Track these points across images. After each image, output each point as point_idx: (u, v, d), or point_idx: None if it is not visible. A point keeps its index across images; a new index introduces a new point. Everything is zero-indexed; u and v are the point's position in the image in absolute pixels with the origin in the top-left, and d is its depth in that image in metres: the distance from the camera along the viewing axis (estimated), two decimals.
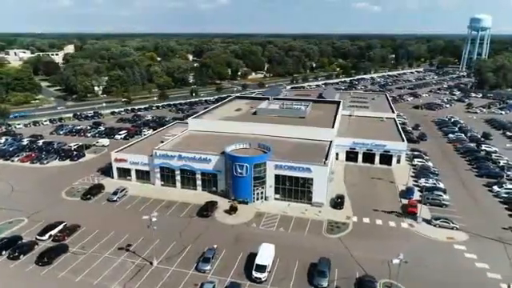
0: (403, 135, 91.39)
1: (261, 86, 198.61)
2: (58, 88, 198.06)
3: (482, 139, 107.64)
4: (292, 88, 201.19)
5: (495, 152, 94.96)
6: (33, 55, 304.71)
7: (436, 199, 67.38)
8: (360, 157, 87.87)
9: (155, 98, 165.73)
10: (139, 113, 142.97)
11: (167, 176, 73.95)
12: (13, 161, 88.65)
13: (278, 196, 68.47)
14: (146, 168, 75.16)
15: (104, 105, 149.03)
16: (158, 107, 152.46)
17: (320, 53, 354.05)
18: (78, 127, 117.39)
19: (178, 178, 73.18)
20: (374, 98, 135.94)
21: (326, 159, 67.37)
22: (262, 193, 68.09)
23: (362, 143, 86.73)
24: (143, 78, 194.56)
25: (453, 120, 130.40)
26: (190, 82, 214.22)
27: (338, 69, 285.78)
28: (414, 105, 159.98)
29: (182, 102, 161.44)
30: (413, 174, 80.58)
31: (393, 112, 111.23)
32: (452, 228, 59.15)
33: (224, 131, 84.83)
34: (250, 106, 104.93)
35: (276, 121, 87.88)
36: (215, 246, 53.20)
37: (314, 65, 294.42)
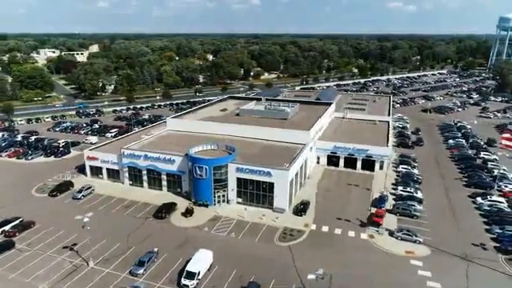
0: (390, 140, 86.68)
1: (269, 87, 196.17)
2: (73, 86, 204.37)
3: (485, 146, 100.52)
4: (301, 89, 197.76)
5: (494, 160, 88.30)
6: (57, 54, 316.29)
7: (406, 209, 62.97)
8: (341, 161, 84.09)
9: (158, 97, 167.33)
10: (140, 111, 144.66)
11: (135, 176, 73.64)
12: (1, 156, 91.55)
13: (240, 200, 66.41)
14: (115, 167, 75.22)
15: (106, 103, 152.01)
16: (159, 106, 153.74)
17: (340, 53, 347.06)
18: (74, 124, 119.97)
19: (145, 177, 72.69)
20: (375, 100, 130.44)
21: (290, 163, 64.46)
22: (223, 196, 66.30)
23: (344, 147, 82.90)
24: (153, 77, 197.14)
25: (458, 125, 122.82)
26: (201, 81, 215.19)
27: (355, 70, 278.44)
28: (424, 108, 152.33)
29: (184, 101, 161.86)
30: (394, 182, 76.37)
31: (388, 115, 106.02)
32: (415, 241, 54.94)
33: (201, 132, 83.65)
34: (238, 106, 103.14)
35: (256, 122, 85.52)
36: (156, 250, 52.00)
37: (331, 65, 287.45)
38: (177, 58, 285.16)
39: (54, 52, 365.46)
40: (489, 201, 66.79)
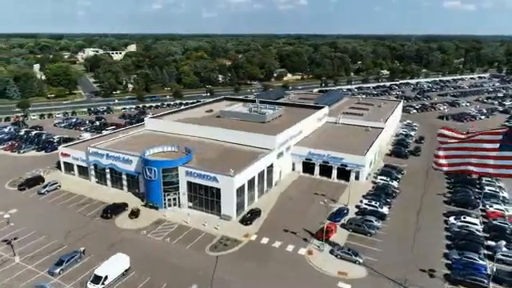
0: (373, 148, 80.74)
1: (284, 88, 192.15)
2: (99, 84, 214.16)
3: None
4: (319, 91, 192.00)
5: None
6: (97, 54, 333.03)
7: (360, 226, 57.96)
8: (317, 169, 79.70)
9: (168, 96, 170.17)
10: (149, 110, 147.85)
11: (100, 174, 74.80)
12: None
13: (191, 204, 64.97)
14: (84, 164, 76.87)
15: (116, 101, 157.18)
16: (168, 105, 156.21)
17: (375, 55, 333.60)
18: (78, 121, 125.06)
19: (108, 176, 73.53)
20: (380, 105, 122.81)
21: (238, 170, 61.76)
22: (174, 199, 65.22)
23: (318, 154, 78.48)
24: (172, 77, 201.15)
25: None
26: (220, 81, 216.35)
27: (385, 72, 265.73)
28: (442, 114, 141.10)
29: (195, 100, 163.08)
30: (366, 194, 70.97)
31: (385, 122, 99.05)
32: (354, 261, 50.32)
33: (175, 133, 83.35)
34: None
35: (232, 125, 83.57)
36: (82, 249, 52.07)
37: (359, 67, 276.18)
38: (207, 57, 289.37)
39: (97, 51, 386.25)
40: (461, 221, 59.78)
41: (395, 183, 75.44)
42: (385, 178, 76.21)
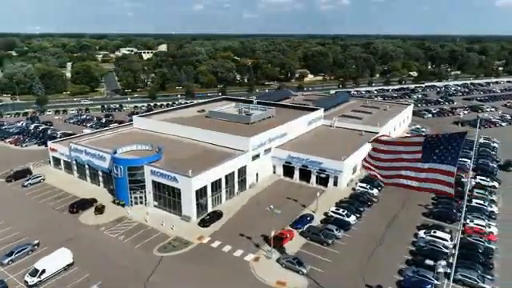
0: (355, 154, 77.07)
1: (299, 89, 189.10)
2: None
3: (495, 169, 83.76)
4: (336, 93, 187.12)
5: (487, 188, 73.10)
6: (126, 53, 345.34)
7: (317, 234, 55.44)
8: (296, 173, 77.40)
9: (179, 96, 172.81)
10: (160, 108, 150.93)
11: (81, 169, 77.15)
12: (5, 141, 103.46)
13: (156, 203, 65.31)
14: (68, 159, 79.61)
15: (128, 99, 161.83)
16: (179, 104, 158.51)
17: (408, 56, 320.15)
18: (87, 118, 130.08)
19: (87, 172, 75.67)
20: (385, 108, 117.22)
21: (198, 171, 61.15)
22: (140, 197, 65.85)
23: (298, 158, 76.16)
24: (189, 76, 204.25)
25: (483, 142, 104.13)
26: (238, 81, 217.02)
27: (414, 73, 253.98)
28: (458, 120, 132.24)
29: (205, 100, 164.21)
30: (340, 201, 67.89)
31: (380, 127, 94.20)
32: (298, 271, 48.15)
33: (160, 132, 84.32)
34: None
35: (216, 125, 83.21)
36: (35, 242, 53.81)
37: (386, 68, 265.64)
38: (236, 58, 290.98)
39: (130, 51, 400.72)
40: (430, 236, 55.48)
41: (375, 191, 71.49)
42: (365, 186, 72.48)
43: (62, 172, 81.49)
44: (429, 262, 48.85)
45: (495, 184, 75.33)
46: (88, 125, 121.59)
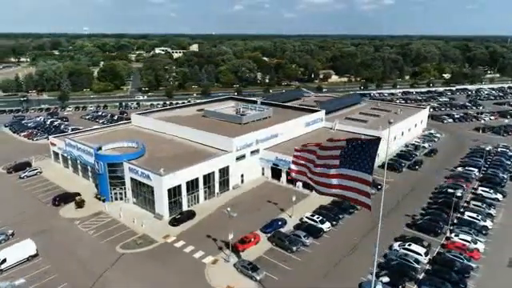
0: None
1: (318, 90, 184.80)
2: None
3: (504, 181, 76.99)
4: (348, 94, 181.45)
5: (492, 200, 67.36)
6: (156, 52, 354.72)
7: (282, 240, 53.48)
8: (284, 176, 75.44)
9: (194, 95, 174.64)
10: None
11: (74, 164, 79.77)
12: (19, 135, 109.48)
13: (135, 200, 66.08)
14: (65, 154, 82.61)
15: (145, 97, 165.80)
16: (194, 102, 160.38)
17: (444, 57, 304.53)
18: (100, 114, 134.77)
19: (79, 167, 78.11)
20: (396, 112, 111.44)
21: (176, 170, 61.08)
22: (120, 194, 66.91)
23: (285, 160, 74.07)
24: (210, 75, 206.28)
25: (500, 150, 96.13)
26: (259, 81, 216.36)
27: (447, 75, 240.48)
28: (482, 126, 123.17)
29: (211, 99, 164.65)
30: (321, 206, 65.22)
31: (382, 131, 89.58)
32: (251, 277, 46.64)
33: (154, 130, 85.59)
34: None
35: (209, 124, 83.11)
36: (10, 232, 56.15)
37: (416, 70, 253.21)
38: (264, 58, 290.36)
39: (164, 50, 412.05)
40: (404, 249, 51.77)
41: None
42: None
43: (60, 166, 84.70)
44: (385, 278, 45.54)
45: (498, 196, 69.13)
46: (100, 121, 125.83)
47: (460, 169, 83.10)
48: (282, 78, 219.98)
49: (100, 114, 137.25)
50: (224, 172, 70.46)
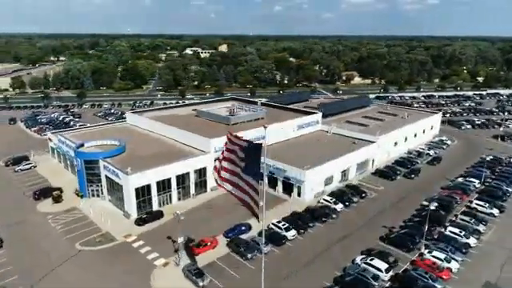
0: (326, 163, 70.35)
1: (335, 92, 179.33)
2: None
3: (509, 195, 70.30)
4: (376, 97, 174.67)
5: (487, 215, 61.67)
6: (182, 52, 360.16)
7: (239, 246, 51.67)
8: (265, 179, 73.14)
9: (207, 94, 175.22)
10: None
11: (65, 160, 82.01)
12: (31, 130, 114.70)
13: (110, 197, 66.69)
14: (59, 150, 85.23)
15: (159, 96, 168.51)
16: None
17: (482, 58, 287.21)
18: (111, 112, 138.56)
19: (68, 162, 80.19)
20: (403, 116, 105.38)
21: (144, 169, 60.90)
22: (97, 190, 67.82)
23: (266, 164, 71.95)
24: (228, 75, 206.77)
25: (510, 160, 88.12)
26: (278, 82, 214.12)
27: (480, 79, 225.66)
28: (502, 134, 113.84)
29: (213, 99, 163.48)
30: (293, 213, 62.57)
31: (379, 136, 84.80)
32: (195, 282, 45.30)
33: (144, 128, 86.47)
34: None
35: (196, 125, 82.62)
36: None
37: (447, 72, 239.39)
38: (291, 59, 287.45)
39: (193, 51, 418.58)
40: (365, 263, 48.21)
41: (340, 206, 64.41)
42: (329, 199, 65.85)
43: (56, 161, 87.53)
44: None
45: (494, 211, 63.04)
46: (110, 119, 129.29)
47: (460, 179, 76.92)
48: (302, 79, 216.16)
49: (112, 111, 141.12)
50: (201, 173, 69.56)
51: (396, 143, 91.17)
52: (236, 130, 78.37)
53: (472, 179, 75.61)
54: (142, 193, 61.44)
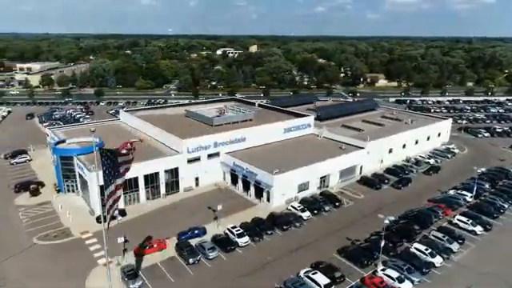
0: (300, 168, 67.43)
1: (353, 94, 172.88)
2: None
3: (503, 211, 63.76)
4: (396, 101, 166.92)
5: (469, 232, 56.35)
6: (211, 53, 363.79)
7: (182, 250, 50.63)
8: (240, 182, 71.73)
9: (220, 95, 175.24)
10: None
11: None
12: (42, 125, 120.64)
13: (82, 193, 68.15)
14: None
15: (173, 95, 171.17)
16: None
17: None
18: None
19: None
20: (407, 122, 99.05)
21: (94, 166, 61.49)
22: (72, 186, 69.56)
23: (240, 167, 70.40)
24: (246, 76, 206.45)
25: None
26: (297, 83, 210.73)
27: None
28: None
29: (214, 99, 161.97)
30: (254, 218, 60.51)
31: (368, 142, 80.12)
32: (127, 284, 44.88)
33: (133, 127, 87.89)
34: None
35: (180, 125, 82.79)
36: None
37: (482, 76, 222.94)
38: (320, 60, 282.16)
39: (226, 51, 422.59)
40: (307, 277, 45.34)
41: (306, 214, 61.43)
42: (297, 206, 63.05)
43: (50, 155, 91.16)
44: None
45: (477, 229, 57.26)
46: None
47: (451, 192, 70.87)
48: (323, 80, 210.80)
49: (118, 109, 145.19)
50: (172, 173, 69.29)
51: (391, 150, 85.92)
52: (218, 130, 78.08)
53: (464, 192, 69.43)
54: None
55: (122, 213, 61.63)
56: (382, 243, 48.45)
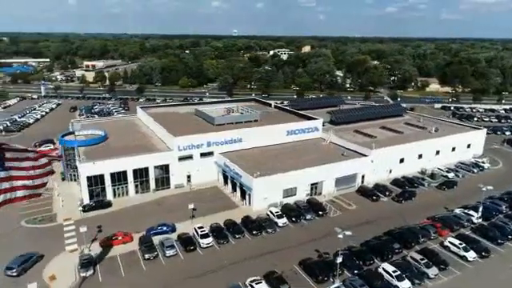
0: (289, 173, 64.80)
1: (393, 98, 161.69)
2: None
3: (508, 239, 55.55)
4: (442, 108, 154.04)
5: (460, 256, 50.16)
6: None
7: (141, 244, 51.48)
8: (229, 183, 71.14)
9: (253, 95, 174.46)
10: None
11: None
12: (80, 116, 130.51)
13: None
14: None
15: (207, 94, 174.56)
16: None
17: None
18: None
19: None
20: (431, 130, 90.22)
21: (96, 160, 64.69)
22: (74, 175, 74.12)
23: (229, 167, 69.76)
24: (287, 77, 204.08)
25: None
26: (340, 85, 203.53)
27: None
28: None
29: (235, 98, 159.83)
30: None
31: (373, 149, 74.50)
32: (79, 271, 46.80)
33: (144, 123, 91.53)
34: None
35: (185, 122, 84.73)
36: None
37: None
38: (374, 62, 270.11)
39: (281, 52, 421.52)
40: (250, 285, 43.39)
41: (283, 221, 58.92)
42: (274, 212, 60.72)
43: None
44: None
45: (468, 255, 50.47)
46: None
47: (457, 210, 63.33)
48: (367, 83, 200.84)
49: None
50: (163, 170, 70.74)
51: (402, 160, 79.18)
52: (218, 130, 78.31)
53: (471, 212, 61.65)
54: (95, 182, 65.24)
55: (107, 204, 64.31)
56: (339, 259, 44.70)
